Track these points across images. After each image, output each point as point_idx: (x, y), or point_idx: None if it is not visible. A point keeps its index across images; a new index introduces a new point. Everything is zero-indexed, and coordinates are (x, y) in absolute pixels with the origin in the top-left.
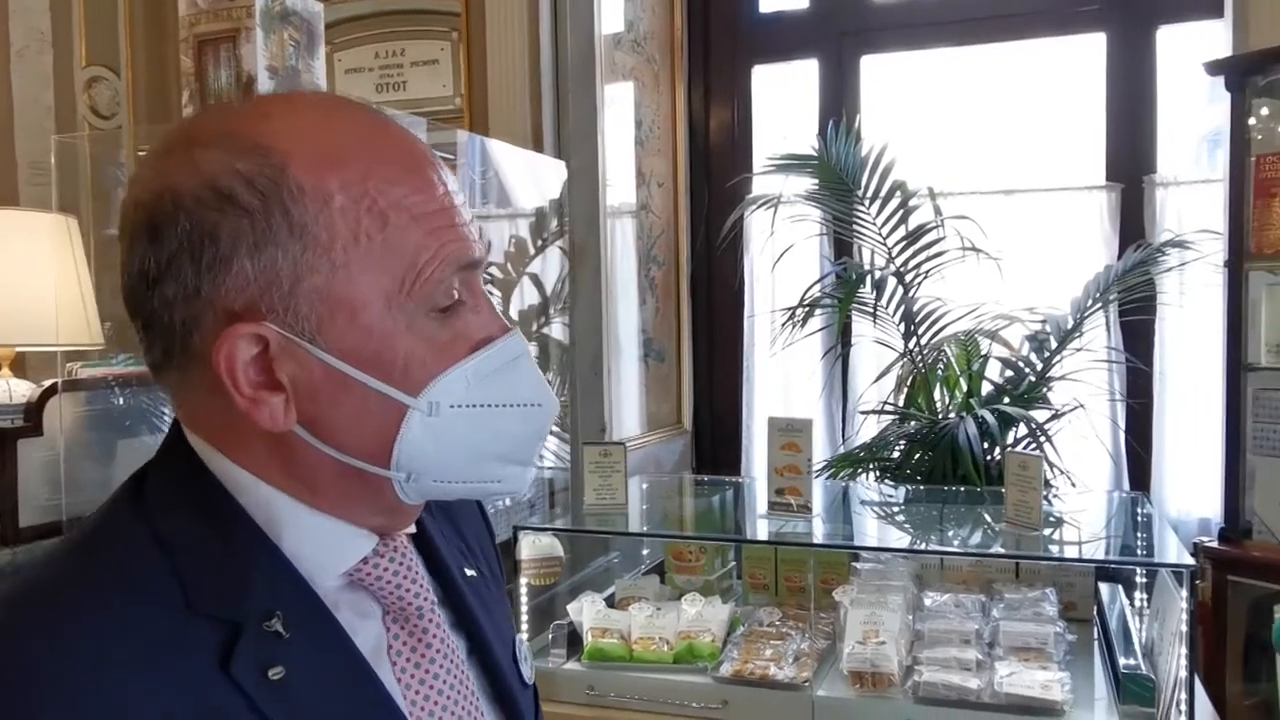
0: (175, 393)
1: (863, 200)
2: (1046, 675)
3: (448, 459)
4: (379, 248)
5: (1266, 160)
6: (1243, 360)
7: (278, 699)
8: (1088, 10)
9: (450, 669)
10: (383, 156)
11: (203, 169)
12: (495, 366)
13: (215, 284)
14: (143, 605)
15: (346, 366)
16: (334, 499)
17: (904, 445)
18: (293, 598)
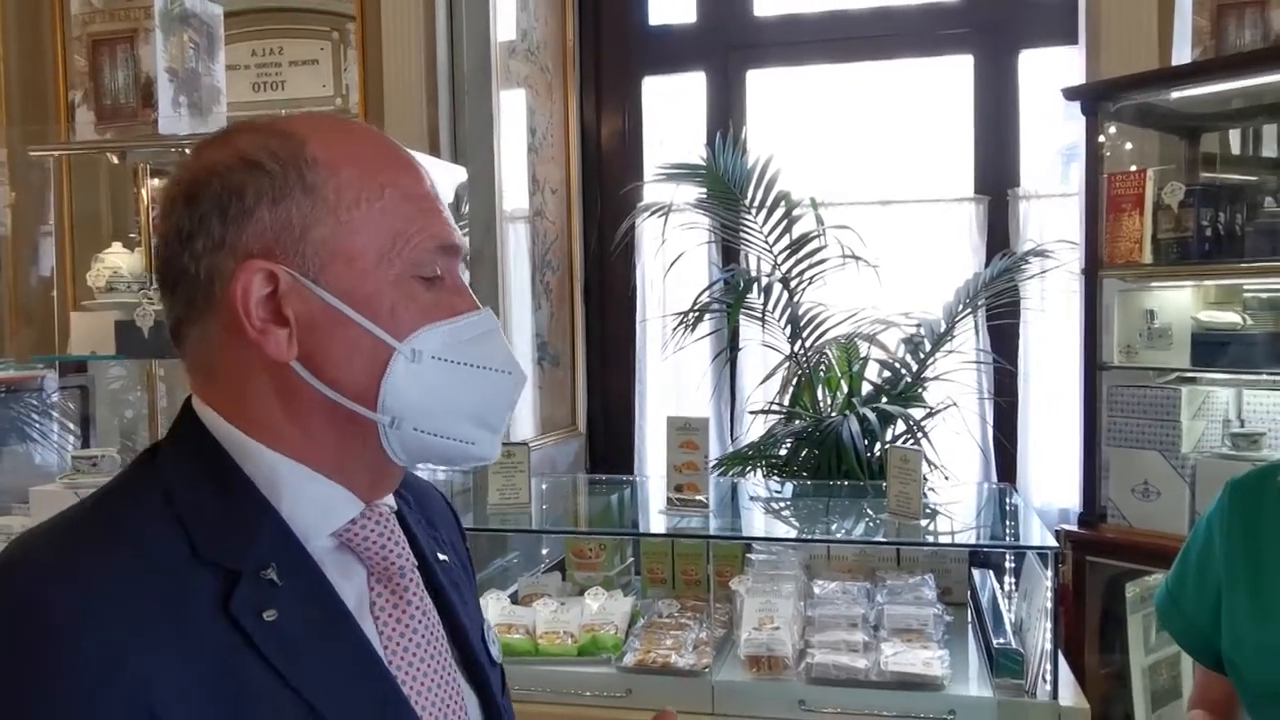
0: (193, 353)
1: (749, 209)
2: (927, 654)
3: (428, 407)
4: (376, 212)
5: (1117, 178)
6: (1098, 360)
7: (271, 637)
8: (957, 34)
9: (428, 627)
10: (383, 150)
11: (236, 146)
12: (472, 335)
13: (238, 232)
14: (152, 551)
15: (343, 305)
16: (328, 448)
17: (791, 443)
18: (287, 553)
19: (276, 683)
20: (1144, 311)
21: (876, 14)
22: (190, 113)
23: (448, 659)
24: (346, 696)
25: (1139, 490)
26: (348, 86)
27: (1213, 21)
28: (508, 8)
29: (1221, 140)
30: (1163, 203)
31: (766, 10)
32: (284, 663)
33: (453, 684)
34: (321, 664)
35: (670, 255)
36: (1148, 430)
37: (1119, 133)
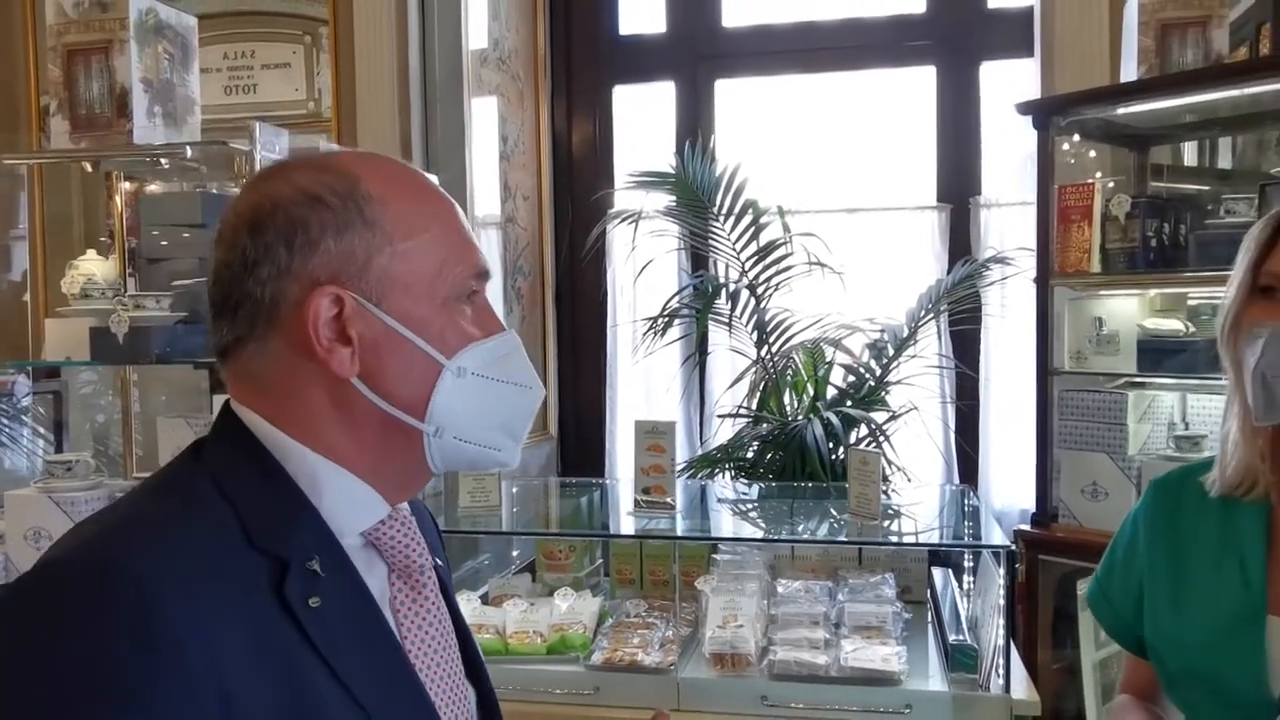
0: (246, 369)
1: (718, 217)
2: (886, 650)
3: (467, 418)
4: (425, 243)
5: (1067, 190)
6: (1049, 366)
7: (316, 622)
8: (920, 46)
9: (440, 623)
10: (425, 187)
11: (296, 182)
12: (505, 352)
13: (305, 261)
14: (217, 538)
15: (401, 327)
16: (373, 453)
17: (757, 446)
18: (326, 547)
19: (319, 664)
20: (1093, 319)
21: (843, 26)
22: (165, 122)
23: (455, 655)
24: (376, 684)
25: (1088, 491)
26: (320, 90)
27: (1157, 41)
28: (479, 17)
29: (1171, 152)
30: (1110, 214)
31: (735, 21)
32: (325, 646)
33: (459, 678)
34: (357, 652)
35: (640, 261)
36: (1096, 433)
37: (1070, 146)
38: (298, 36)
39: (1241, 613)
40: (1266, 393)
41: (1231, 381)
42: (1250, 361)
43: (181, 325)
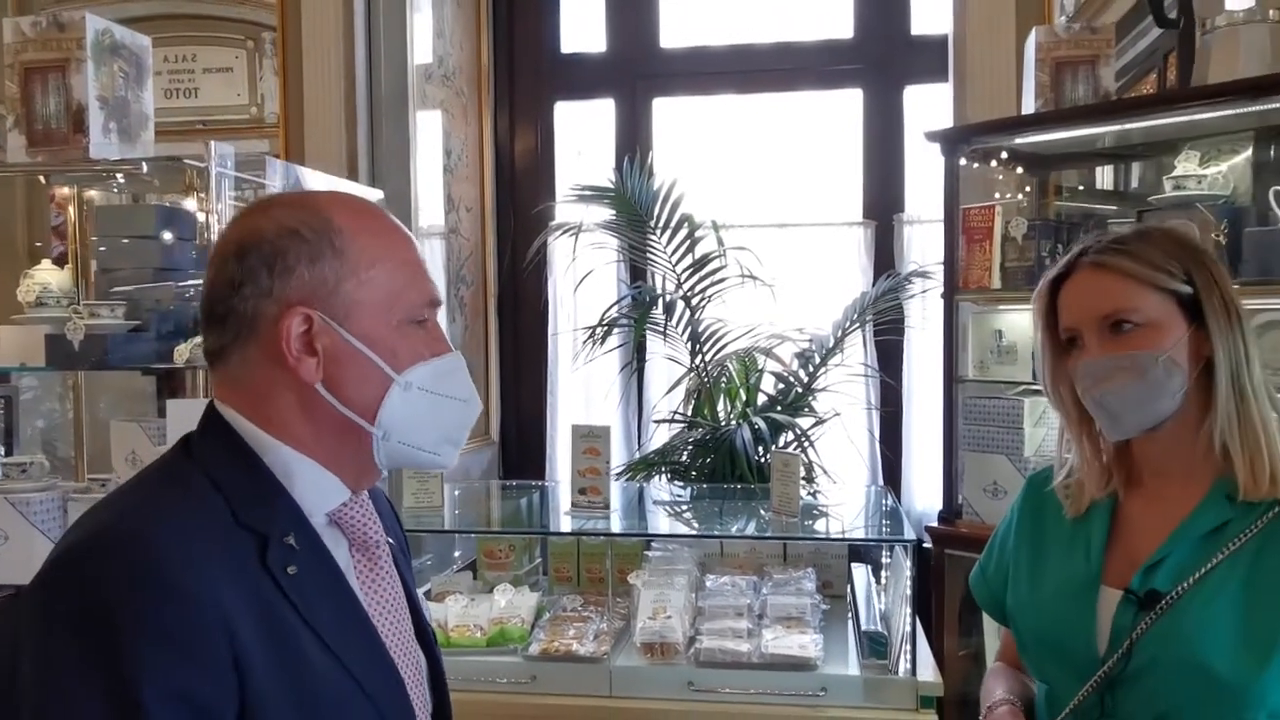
0: (229, 371)
1: (655, 230)
2: (804, 638)
3: (411, 426)
4: (385, 273)
5: (971, 212)
6: (955, 375)
7: (294, 586)
8: (848, 70)
9: (394, 591)
10: (387, 224)
11: (277, 217)
12: (448, 370)
13: (283, 285)
14: (211, 516)
15: (360, 344)
16: (331, 447)
17: (690, 450)
18: (299, 525)
19: (298, 619)
20: (994, 331)
21: (775, 49)
22: (120, 138)
23: (407, 618)
24: (348, 639)
25: (989, 490)
26: (263, 96)
27: (1052, 77)
28: (424, 33)
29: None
30: (1009, 235)
31: (673, 42)
32: (304, 607)
33: (410, 638)
34: (328, 610)
35: (580, 272)
36: (997, 437)
37: (975, 171)
38: (240, 41)
39: (1082, 583)
40: (1106, 413)
41: (1063, 424)
42: (1085, 397)
43: (134, 333)
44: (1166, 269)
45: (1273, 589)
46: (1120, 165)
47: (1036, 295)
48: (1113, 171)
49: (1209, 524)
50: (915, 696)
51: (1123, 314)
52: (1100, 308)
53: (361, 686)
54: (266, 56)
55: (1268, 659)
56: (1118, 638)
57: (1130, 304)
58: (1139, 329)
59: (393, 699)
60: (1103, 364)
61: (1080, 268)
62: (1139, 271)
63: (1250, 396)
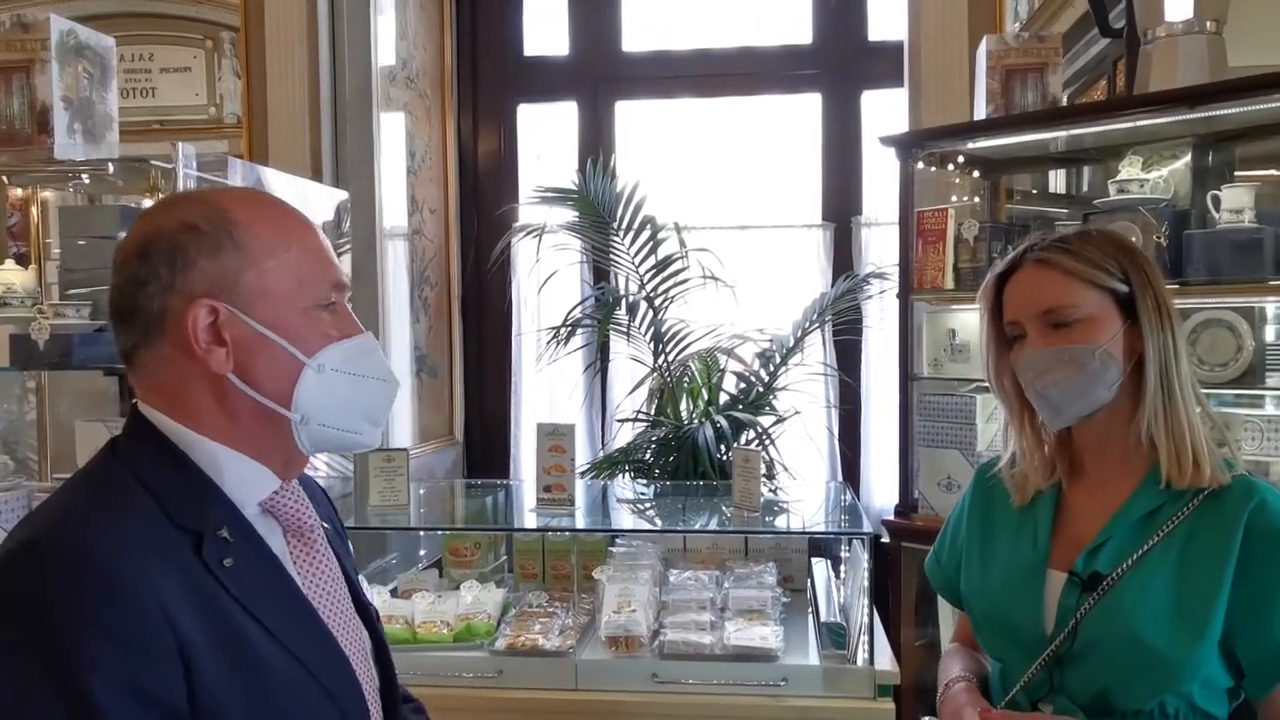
0: (145, 370)
1: (618, 232)
2: (765, 630)
3: (328, 408)
4: (287, 261)
5: (925, 215)
6: (910, 372)
7: (232, 578)
8: (807, 75)
9: (331, 571)
10: (287, 214)
11: (176, 214)
12: (361, 351)
13: (185, 278)
14: (144, 518)
15: (267, 331)
16: (252, 437)
17: (654, 448)
18: (232, 517)
19: (240, 610)
20: (947, 330)
21: (736, 54)
22: (84, 139)
23: (346, 596)
24: (289, 624)
25: (943, 483)
26: (222, 96)
27: (1002, 83)
28: (388, 35)
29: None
30: (961, 237)
31: (635, 46)
32: (244, 596)
33: (350, 614)
34: (269, 599)
35: (544, 274)
36: (950, 432)
37: (928, 174)
38: (198, 40)
39: (1029, 567)
40: (1048, 404)
41: (1006, 417)
42: (1028, 389)
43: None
44: (1105, 268)
45: (1203, 569)
46: (1068, 169)
47: (983, 290)
48: (1062, 175)
49: (1144, 509)
50: (873, 685)
51: (1062, 309)
52: (1042, 302)
53: (307, 668)
54: (225, 56)
55: (1201, 633)
56: (1063, 617)
57: (1070, 299)
58: (1077, 324)
59: (339, 677)
60: (1044, 356)
61: (1025, 264)
62: (1079, 269)
63: (1177, 392)
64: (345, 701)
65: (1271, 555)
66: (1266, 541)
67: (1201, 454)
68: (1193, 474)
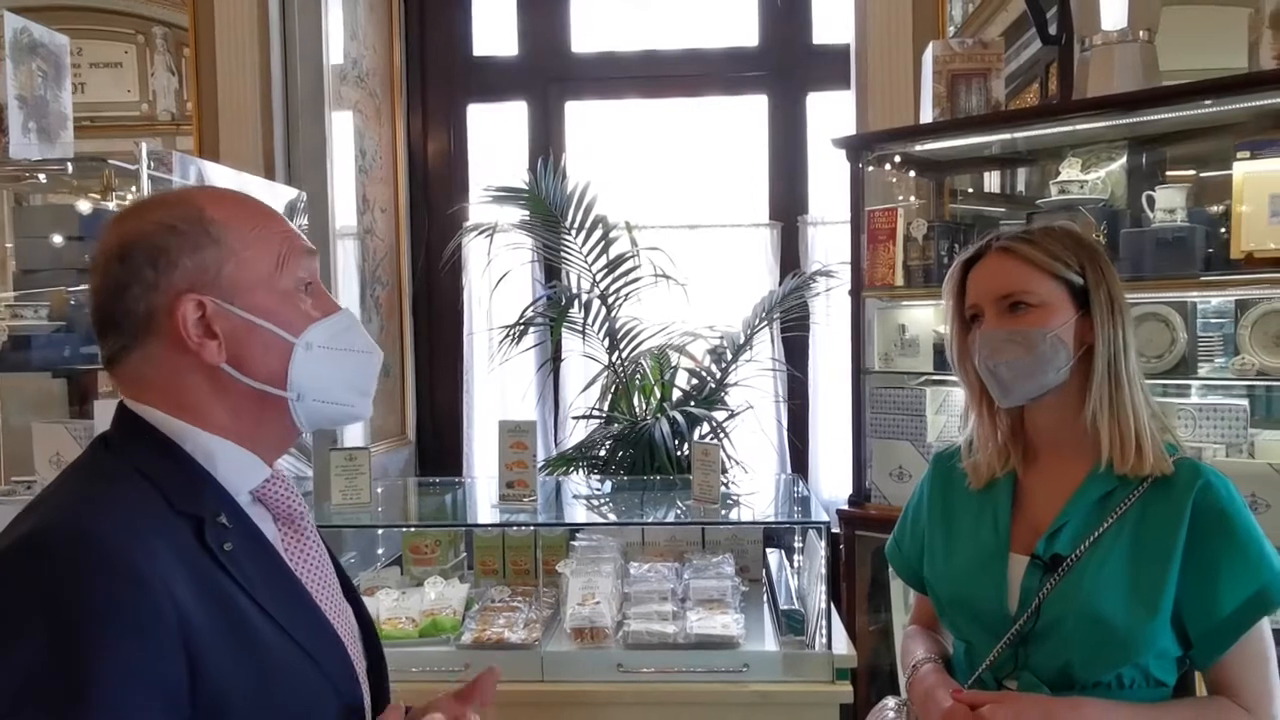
0: (132, 371)
1: (570, 231)
2: (726, 618)
3: (322, 383)
4: (261, 249)
5: (875, 214)
6: (862, 367)
7: (232, 562)
8: (753, 77)
9: (319, 554)
10: (255, 206)
11: (153, 217)
12: (342, 326)
13: (169, 277)
14: (148, 506)
15: (254, 318)
16: (249, 422)
17: (609, 444)
18: (227, 505)
19: (240, 593)
20: (897, 326)
21: (682, 56)
22: (39, 138)
23: (335, 582)
24: (287, 607)
25: (895, 473)
26: (155, 93)
27: (948, 88)
28: (337, 35)
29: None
30: (911, 235)
31: (583, 47)
32: (243, 579)
33: (343, 604)
34: (266, 583)
35: (496, 273)
36: (901, 424)
37: (879, 175)
38: (130, 35)
39: (992, 552)
40: (997, 381)
41: (968, 400)
42: (981, 366)
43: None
44: (1064, 260)
45: (1154, 548)
46: (1009, 170)
47: (949, 275)
48: (1006, 176)
49: (1098, 492)
50: (831, 669)
51: (1020, 294)
52: (1001, 287)
53: (305, 650)
54: (159, 52)
55: (1154, 609)
56: (1026, 598)
57: (1027, 286)
58: (1032, 309)
59: (335, 659)
60: (998, 335)
61: (990, 252)
62: (1039, 258)
63: (1124, 382)
64: (340, 683)
65: (1217, 533)
66: (1212, 520)
67: (1145, 443)
68: (1135, 462)
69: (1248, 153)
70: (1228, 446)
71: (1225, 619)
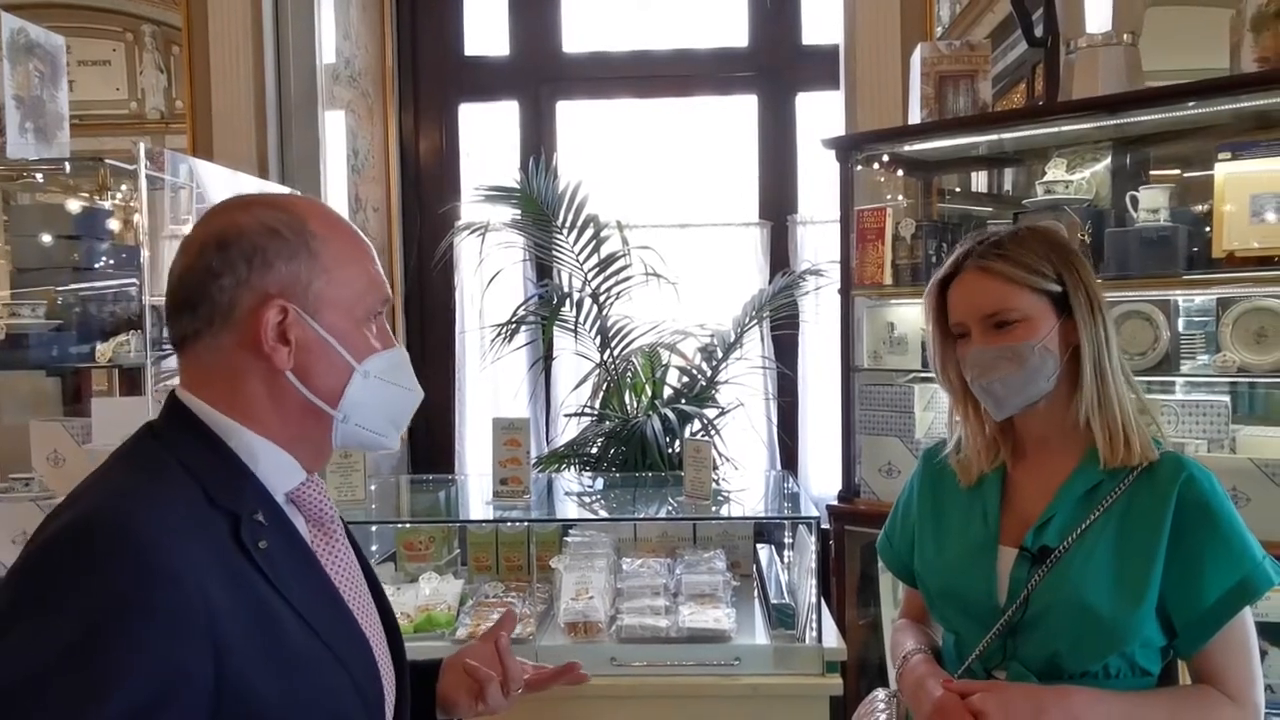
0: (196, 358)
1: (561, 230)
2: (717, 612)
3: (367, 411)
4: (352, 274)
5: (864, 214)
6: (851, 364)
7: (266, 560)
8: (743, 77)
9: (348, 558)
10: (352, 232)
11: (257, 215)
12: (398, 361)
13: (261, 277)
14: (187, 498)
15: (328, 336)
16: (294, 429)
17: (601, 442)
18: (266, 503)
19: (272, 592)
20: (886, 324)
21: (673, 56)
22: (36, 138)
23: (364, 585)
24: (318, 608)
25: (884, 469)
26: (144, 91)
27: (936, 89)
28: (329, 35)
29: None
30: (899, 235)
31: (574, 47)
32: (276, 578)
33: (368, 601)
34: (297, 581)
35: (488, 272)
36: (890, 421)
37: (868, 175)
38: (118, 33)
39: (981, 544)
40: (992, 398)
41: (952, 404)
42: (973, 384)
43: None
44: (1040, 271)
45: (1140, 539)
46: (996, 170)
47: (927, 293)
48: (993, 176)
49: (1084, 485)
50: (821, 662)
51: (1003, 313)
52: (984, 307)
53: (334, 652)
54: (147, 50)
55: (1140, 599)
56: (1015, 590)
57: (1009, 304)
58: (1017, 324)
59: (362, 663)
60: (988, 354)
61: (966, 269)
62: (1017, 275)
63: (1109, 378)
64: (367, 687)
65: (1200, 525)
66: (1195, 512)
67: (1132, 434)
68: (1124, 453)
69: (1229, 154)
70: (1210, 442)
71: (1209, 608)
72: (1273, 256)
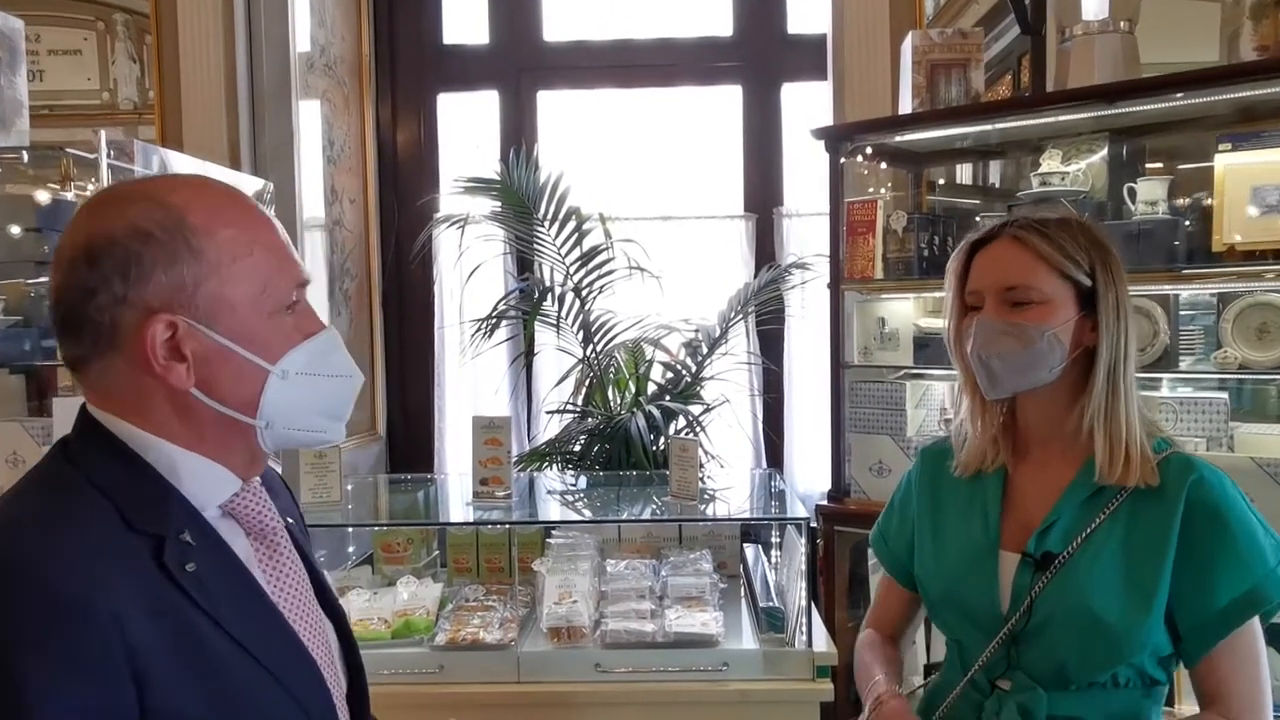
0: (93, 379)
1: (543, 222)
2: (705, 616)
3: (294, 411)
4: (249, 266)
5: (854, 206)
6: (841, 360)
7: (195, 583)
8: (727, 67)
9: (295, 570)
10: (246, 210)
11: (127, 217)
12: (323, 350)
13: (139, 291)
14: (100, 525)
15: (229, 343)
16: (215, 443)
17: (584, 439)
18: (193, 521)
19: (202, 616)
20: (877, 319)
21: (656, 45)
22: None
23: (312, 598)
24: (256, 630)
25: (874, 468)
26: (115, 81)
27: (927, 78)
28: (304, 22)
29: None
30: (890, 228)
31: (555, 36)
32: (205, 601)
33: (318, 617)
34: (232, 602)
35: (468, 265)
36: (881, 418)
37: (857, 167)
38: (89, 22)
39: (982, 549)
40: (986, 371)
41: (962, 381)
42: (972, 354)
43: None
44: (1074, 258)
45: (1147, 546)
46: (986, 161)
47: (955, 255)
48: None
49: (1088, 490)
50: (812, 667)
51: (1024, 289)
52: (1006, 279)
53: (275, 676)
54: (119, 39)
55: (1149, 605)
56: (1019, 596)
57: (1032, 280)
58: (1034, 305)
59: (305, 682)
60: (994, 327)
61: (1000, 237)
62: (1049, 254)
63: (1122, 393)
64: (310, 703)
65: (1211, 526)
66: (1205, 516)
67: (1134, 453)
68: (1123, 471)
69: (1229, 145)
70: (1208, 440)
71: (1216, 614)
72: (1275, 250)
